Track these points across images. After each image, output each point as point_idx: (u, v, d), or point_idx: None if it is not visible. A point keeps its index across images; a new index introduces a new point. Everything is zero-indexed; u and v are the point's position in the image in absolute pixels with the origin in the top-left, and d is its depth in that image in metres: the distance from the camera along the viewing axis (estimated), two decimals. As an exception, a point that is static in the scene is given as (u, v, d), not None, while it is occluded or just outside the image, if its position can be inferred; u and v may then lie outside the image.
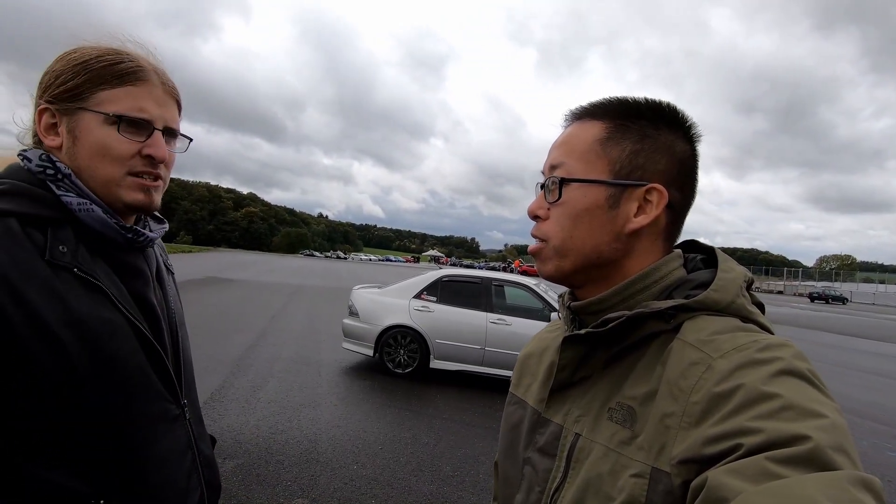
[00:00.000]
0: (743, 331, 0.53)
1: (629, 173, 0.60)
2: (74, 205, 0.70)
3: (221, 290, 14.48)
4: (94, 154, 0.73)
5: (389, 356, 5.95)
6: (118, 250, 0.76)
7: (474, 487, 3.30)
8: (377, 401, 5.01)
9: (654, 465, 0.49)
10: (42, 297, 0.62)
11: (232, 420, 4.11)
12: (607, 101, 0.64)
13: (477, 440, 4.15)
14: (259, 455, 3.49)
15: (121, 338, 0.69)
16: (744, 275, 0.59)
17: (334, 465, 3.45)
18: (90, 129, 0.72)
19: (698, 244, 0.68)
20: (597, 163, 0.61)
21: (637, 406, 0.54)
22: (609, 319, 0.58)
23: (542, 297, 5.94)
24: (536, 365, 0.74)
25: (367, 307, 6.18)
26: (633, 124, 0.61)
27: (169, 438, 0.75)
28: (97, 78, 0.72)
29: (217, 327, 8.26)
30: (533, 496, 0.63)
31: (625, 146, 0.61)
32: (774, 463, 0.39)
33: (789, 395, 0.43)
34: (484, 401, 5.28)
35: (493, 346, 5.71)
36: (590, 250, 0.61)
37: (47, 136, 0.74)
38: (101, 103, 0.72)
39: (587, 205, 0.61)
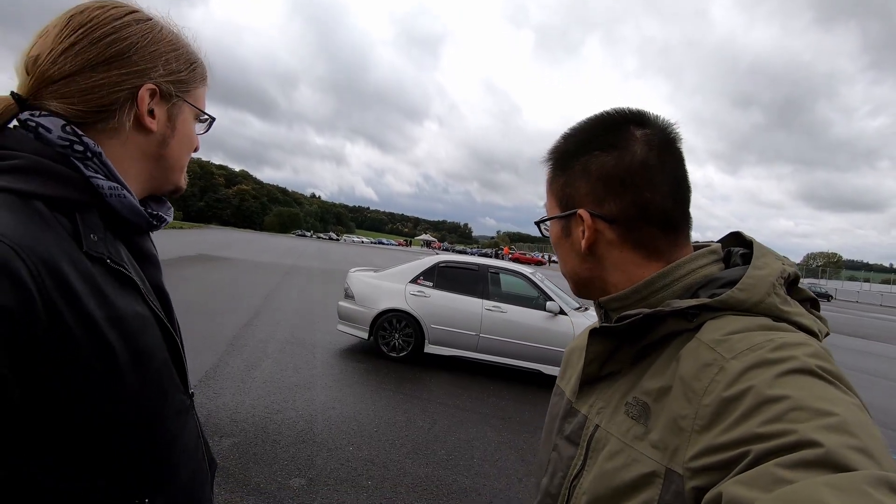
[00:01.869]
0: (764, 329, 0.51)
1: (566, 205, 0.67)
2: (105, 188, 0.64)
3: (214, 269, 14.39)
4: (183, 145, 0.75)
5: (384, 340, 5.97)
6: (135, 234, 0.72)
7: (468, 471, 3.35)
8: (372, 383, 5.05)
9: (669, 465, 0.50)
10: (88, 293, 0.57)
11: (227, 399, 4.12)
12: (555, 145, 0.71)
13: (470, 425, 4.21)
14: (255, 434, 3.52)
15: (151, 332, 0.66)
16: (780, 271, 0.57)
17: (330, 445, 3.48)
18: (187, 121, 0.75)
19: (743, 237, 0.67)
20: (552, 201, 0.71)
21: (651, 402, 0.55)
22: (626, 316, 0.59)
23: (538, 286, 5.97)
24: (578, 359, 0.75)
25: (363, 290, 6.18)
26: (563, 160, 0.68)
27: (187, 430, 0.75)
28: (200, 76, 0.76)
29: (211, 306, 8.23)
30: (556, 480, 0.66)
31: (558, 182, 0.69)
32: (784, 468, 0.37)
33: (798, 395, 0.42)
34: (477, 386, 5.33)
35: (487, 332, 5.75)
36: (572, 273, 0.70)
37: (147, 117, 0.69)
38: (197, 99, 0.76)
39: (554, 238, 0.72)
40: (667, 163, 0.62)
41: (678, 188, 0.63)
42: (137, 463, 0.64)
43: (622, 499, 0.53)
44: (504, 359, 5.74)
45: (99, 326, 0.57)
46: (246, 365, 5.15)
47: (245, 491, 2.77)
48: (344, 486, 2.95)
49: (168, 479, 0.69)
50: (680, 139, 0.64)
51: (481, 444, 3.83)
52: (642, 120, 0.64)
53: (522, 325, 5.71)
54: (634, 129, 0.63)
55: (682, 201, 0.63)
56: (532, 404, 4.96)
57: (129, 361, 0.60)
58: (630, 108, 0.65)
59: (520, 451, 3.79)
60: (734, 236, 0.68)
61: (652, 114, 0.65)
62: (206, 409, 3.85)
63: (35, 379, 0.52)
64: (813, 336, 0.54)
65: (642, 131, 0.63)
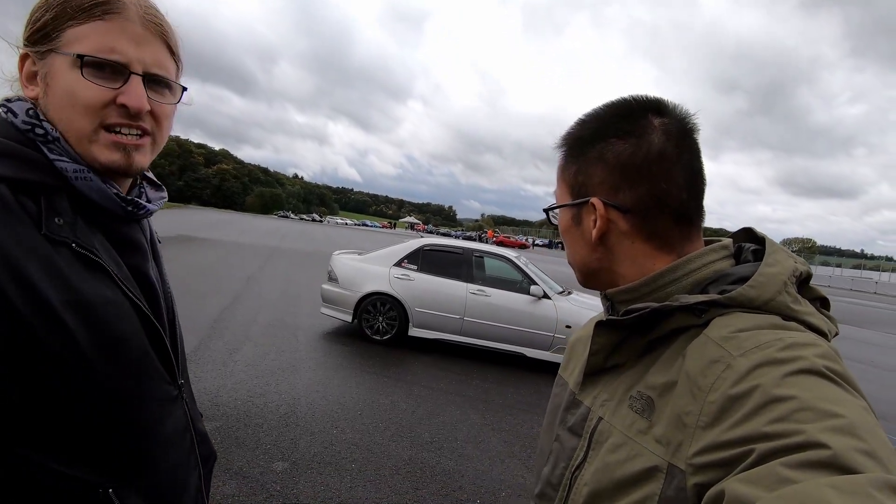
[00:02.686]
0: (774, 328, 0.51)
1: (578, 193, 0.66)
2: (70, 171, 0.62)
3: (195, 250, 14.13)
4: (63, 104, 0.63)
5: (368, 323, 5.96)
6: (114, 221, 0.69)
7: (452, 454, 3.38)
8: (356, 366, 5.04)
9: (671, 461, 0.49)
10: (44, 277, 0.56)
11: (209, 383, 4.07)
12: (569, 130, 0.69)
13: (454, 408, 4.24)
14: (237, 418, 3.49)
15: (124, 318, 0.64)
16: (792, 269, 0.57)
17: (314, 429, 3.48)
18: (59, 73, 0.62)
19: (754, 233, 0.66)
20: (563, 189, 0.69)
21: (656, 397, 0.54)
22: (633, 310, 0.58)
23: (522, 270, 5.99)
24: (582, 350, 0.74)
25: (346, 273, 6.13)
26: (577, 146, 0.66)
27: (171, 421, 0.73)
28: (64, 13, 0.62)
29: (191, 287, 8.09)
30: (558, 470, 0.66)
31: (571, 169, 0.67)
32: (789, 468, 0.37)
33: (805, 395, 0.42)
34: (461, 370, 5.37)
35: (472, 316, 5.77)
36: (580, 263, 0.69)
37: (28, 85, 0.65)
38: (69, 43, 0.61)
39: (564, 226, 0.70)
40: (684, 154, 0.61)
41: (694, 180, 0.61)
42: (106, 449, 0.62)
43: (624, 492, 0.53)
44: (488, 342, 5.78)
45: (55, 310, 0.56)
46: (228, 348, 5.09)
47: (227, 475, 2.75)
48: (327, 469, 2.95)
49: (142, 470, 0.67)
50: (698, 130, 0.63)
51: (465, 427, 3.86)
52: (661, 108, 0.62)
53: (506, 308, 5.74)
54: (653, 118, 0.61)
55: (697, 194, 0.62)
56: (515, 387, 5.02)
57: (94, 346, 0.59)
58: (648, 96, 0.64)
59: (503, 433, 3.84)
60: (745, 232, 0.68)
61: (671, 102, 0.63)
62: (186, 392, 3.80)
63: None
64: (822, 336, 0.53)
65: (661, 120, 0.61)
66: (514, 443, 3.69)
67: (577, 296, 6.23)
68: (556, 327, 5.58)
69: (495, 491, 2.98)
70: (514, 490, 3.02)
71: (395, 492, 2.82)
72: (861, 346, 10.79)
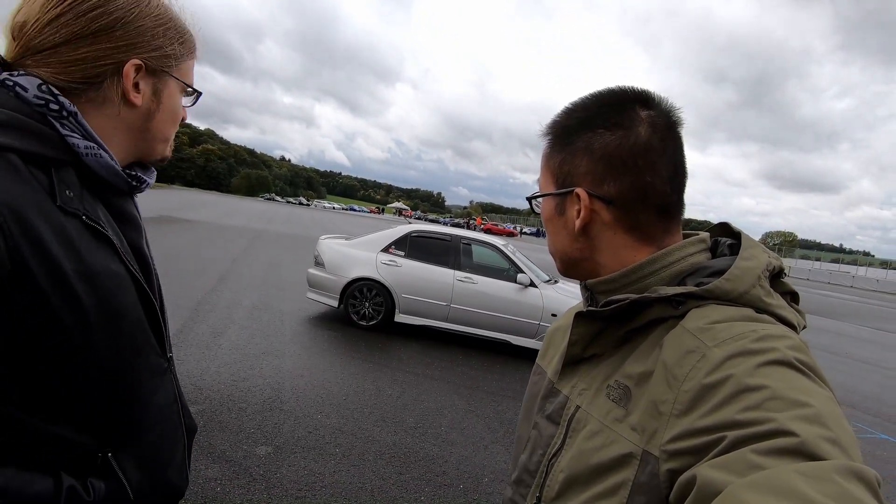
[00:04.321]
0: (748, 321, 0.52)
1: (563, 182, 0.65)
2: (81, 147, 0.65)
3: (178, 231, 13.91)
4: (168, 118, 0.76)
5: (354, 308, 5.94)
6: (115, 196, 0.73)
7: (436, 439, 3.41)
8: (341, 352, 5.03)
9: (646, 447, 0.50)
10: (60, 246, 0.58)
11: (192, 366, 4.03)
12: (556, 117, 0.68)
13: (439, 394, 4.27)
14: (221, 402, 3.47)
15: (126, 291, 0.67)
16: (766, 263, 0.58)
17: (298, 413, 3.47)
18: (173, 95, 0.75)
19: (731, 228, 0.68)
20: (547, 177, 0.68)
21: (633, 386, 0.56)
22: (612, 301, 0.59)
23: (510, 258, 6.01)
24: (561, 339, 0.75)
25: (333, 258, 6.09)
26: (564, 135, 0.65)
27: (162, 391, 0.77)
28: (188, 50, 0.76)
29: (174, 269, 7.98)
30: (535, 457, 0.67)
31: (556, 158, 0.66)
32: (759, 455, 0.38)
33: (776, 385, 0.43)
34: (446, 356, 5.39)
35: (458, 303, 5.78)
36: (562, 252, 0.69)
37: (133, 91, 0.70)
38: (184, 73, 0.76)
39: (547, 215, 0.69)
40: (668, 147, 0.61)
41: (676, 174, 0.62)
42: (105, 417, 0.67)
43: (598, 478, 0.54)
44: (474, 329, 5.80)
45: (68, 278, 0.58)
46: (211, 331, 5.04)
47: (210, 459, 2.74)
48: (311, 454, 2.96)
49: (136, 437, 0.72)
50: (682, 123, 0.63)
51: (449, 412, 3.89)
52: (648, 101, 0.62)
53: (493, 296, 5.76)
54: (640, 110, 0.61)
55: (679, 187, 0.63)
56: (500, 374, 5.07)
57: (100, 317, 0.62)
58: (635, 88, 0.64)
59: (486, 419, 3.87)
60: (722, 227, 0.69)
61: (657, 95, 0.63)
62: (169, 375, 3.76)
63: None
64: (792, 328, 0.55)
65: (647, 112, 0.61)
66: (498, 429, 3.73)
67: (563, 284, 6.28)
68: (541, 315, 5.62)
69: (478, 476, 3.02)
70: (496, 475, 3.06)
71: (378, 476, 2.84)
72: (837, 338, 11.09)
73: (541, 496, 0.63)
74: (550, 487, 0.61)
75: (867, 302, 25.43)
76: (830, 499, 0.34)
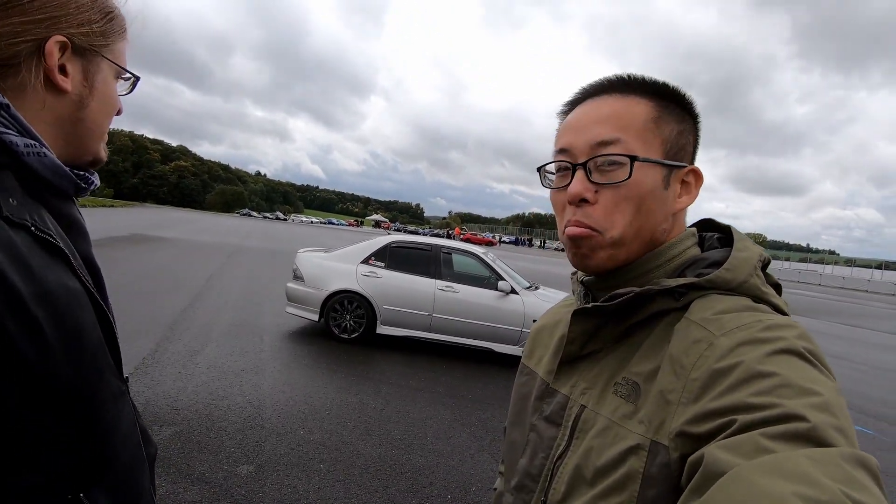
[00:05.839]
0: (750, 310, 0.53)
1: (675, 154, 0.61)
2: (20, 146, 0.55)
3: (151, 249, 13.56)
4: (103, 108, 0.67)
5: (335, 321, 5.86)
6: (57, 199, 0.62)
7: (422, 450, 3.37)
8: (323, 366, 4.95)
9: (654, 438, 0.50)
10: (10, 265, 0.49)
11: (168, 386, 3.91)
12: (641, 78, 0.63)
13: (424, 404, 4.23)
14: (199, 422, 3.36)
15: (84, 309, 0.58)
16: (759, 255, 0.59)
17: (280, 430, 3.39)
18: (107, 80, 0.67)
19: (715, 223, 0.69)
20: (654, 142, 0.60)
21: (642, 382, 0.55)
22: (617, 294, 0.58)
23: (490, 266, 6.03)
24: (548, 338, 0.74)
25: (312, 271, 6.01)
26: (674, 106, 0.63)
27: (125, 416, 0.68)
28: (119, 28, 0.67)
29: (147, 288, 7.77)
30: (537, 461, 0.65)
31: (673, 126, 0.62)
32: (768, 439, 0.39)
33: (787, 373, 0.44)
34: (429, 366, 5.36)
35: (440, 312, 5.76)
36: (648, 235, 0.61)
37: (58, 75, 0.60)
38: (118, 56, 0.68)
39: (650, 186, 0.59)
40: None
41: None
42: (75, 453, 0.57)
43: (606, 475, 0.53)
44: (456, 338, 5.79)
45: (25, 303, 0.49)
46: (188, 350, 4.90)
47: (189, 481, 2.65)
48: (295, 471, 2.89)
49: (106, 470, 0.63)
50: None
51: (434, 423, 3.86)
52: None
53: (474, 304, 5.76)
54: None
55: None
56: (483, 382, 5.05)
57: (61, 342, 0.53)
58: None
59: (472, 428, 3.85)
60: (704, 222, 0.70)
61: None
62: (143, 397, 3.64)
63: None
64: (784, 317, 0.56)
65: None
66: (484, 437, 3.71)
67: (543, 290, 6.32)
68: (523, 322, 5.64)
69: (465, 486, 2.99)
70: (484, 484, 3.03)
71: (364, 491, 2.78)
72: (808, 334, 11.40)
73: (546, 500, 0.61)
74: (556, 490, 0.59)
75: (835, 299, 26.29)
76: (838, 482, 0.35)
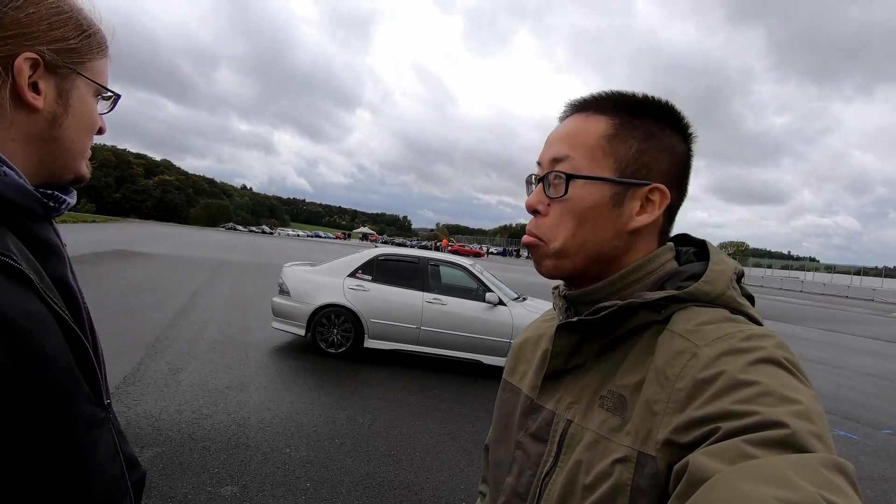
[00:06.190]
0: (730, 321, 0.54)
1: (634, 172, 0.61)
2: None
3: (134, 265, 13.32)
4: (81, 126, 0.66)
5: (322, 336, 5.80)
6: (28, 221, 0.61)
7: (411, 466, 3.32)
8: (309, 381, 4.88)
9: (641, 449, 0.50)
10: None
11: (149, 406, 3.82)
12: (613, 94, 0.63)
13: (412, 419, 4.18)
14: (182, 442, 3.28)
15: (49, 334, 0.56)
16: (734, 267, 0.61)
17: (265, 449, 3.32)
18: (84, 98, 0.66)
19: (690, 238, 0.70)
20: (603, 160, 0.61)
21: (628, 394, 0.55)
22: (601, 308, 0.59)
23: (478, 277, 6.03)
24: (531, 353, 0.74)
25: (298, 285, 5.96)
26: (639, 122, 0.62)
27: (102, 445, 0.65)
28: (97, 45, 0.66)
29: (129, 304, 7.62)
30: (524, 479, 0.64)
31: (631, 144, 0.61)
32: (751, 445, 0.40)
33: (768, 381, 0.45)
34: (418, 380, 5.31)
35: (428, 325, 5.74)
36: (591, 249, 0.62)
37: (29, 92, 0.59)
38: (97, 74, 0.67)
39: (592, 203, 0.61)
40: None
41: None
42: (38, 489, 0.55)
43: (595, 489, 0.53)
44: (445, 350, 5.76)
45: None
46: (170, 368, 4.80)
47: (171, 503, 2.58)
48: (281, 490, 2.83)
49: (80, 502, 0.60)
50: None
51: (423, 438, 3.81)
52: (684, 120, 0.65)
53: (463, 316, 5.75)
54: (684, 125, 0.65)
55: None
56: (472, 395, 5.02)
57: (20, 370, 0.51)
58: None
59: (461, 442, 3.81)
60: (679, 238, 0.71)
61: None
62: (124, 417, 3.54)
63: None
64: None
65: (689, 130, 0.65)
66: (474, 451, 3.67)
67: (531, 301, 6.33)
68: (512, 333, 5.64)
69: (455, 501, 2.95)
70: (474, 499, 3.00)
71: (352, 509, 2.73)
72: (792, 341, 11.57)
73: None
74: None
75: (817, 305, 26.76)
76: (816, 487, 0.36)
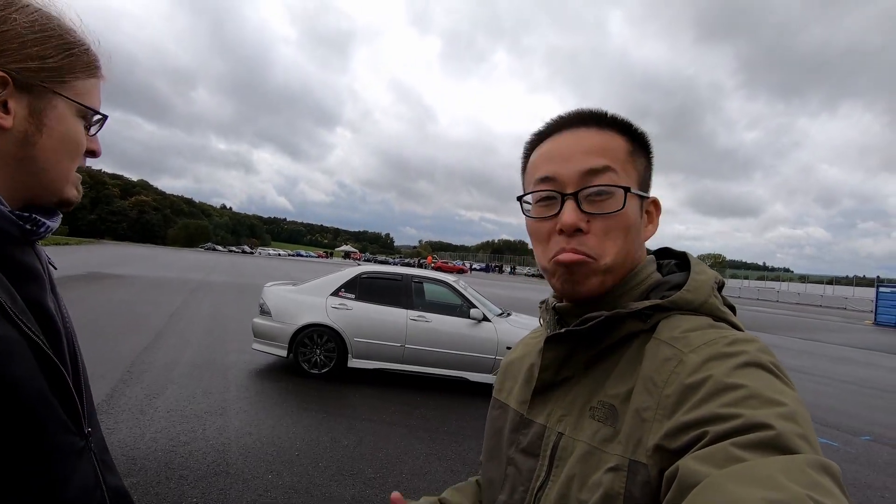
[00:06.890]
0: (714, 328, 0.56)
1: (643, 188, 0.65)
2: None
3: (108, 287, 12.95)
4: (61, 148, 0.64)
5: (304, 356, 5.69)
6: (3, 243, 0.60)
7: (398, 488, 3.24)
8: (292, 404, 4.76)
9: (632, 457, 0.51)
10: None
11: (123, 434, 3.67)
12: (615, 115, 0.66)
13: (398, 440, 4.10)
14: (158, 471, 3.15)
15: (17, 359, 0.54)
16: (715, 277, 0.63)
17: (246, 475, 3.21)
18: (63, 119, 0.64)
19: (671, 251, 0.73)
20: (633, 174, 0.64)
21: (618, 404, 0.56)
22: (588, 318, 0.60)
23: (462, 294, 6.02)
24: (518, 369, 0.75)
25: (280, 305, 5.85)
26: (646, 143, 0.67)
27: (78, 477, 0.62)
28: (82, 65, 0.65)
29: (104, 328, 7.38)
30: (517, 495, 0.64)
31: (642, 160, 0.66)
32: (739, 448, 0.41)
33: (753, 384, 0.46)
34: (404, 399, 5.23)
35: (413, 343, 5.68)
36: (631, 263, 0.64)
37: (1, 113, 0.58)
38: (81, 94, 0.65)
39: (635, 216, 0.64)
40: None
41: None
42: None
43: (587, 500, 0.53)
44: (430, 368, 5.69)
45: None
46: (146, 393, 4.64)
47: (145, 537, 2.46)
48: (262, 519, 2.72)
49: None
50: None
51: (410, 458, 3.74)
52: None
53: (447, 333, 5.71)
54: None
55: None
56: (458, 413, 4.96)
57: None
58: None
59: (449, 462, 3.75)
60: (661, 251, 0.74)
61: None
62: (97, 447, 3.39)
63: None
64: None
65: None
66: (461, 471, 3.61)
67: (516, 317, 6.33)
68: (497, 349, 5.61)
69: (444, 523, 2.88)
70: (462, 520, 2.93)
71: (337, 536, 2.64)
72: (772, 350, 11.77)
73: None
74: None
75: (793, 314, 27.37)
76: (804, 487, 0.37)
